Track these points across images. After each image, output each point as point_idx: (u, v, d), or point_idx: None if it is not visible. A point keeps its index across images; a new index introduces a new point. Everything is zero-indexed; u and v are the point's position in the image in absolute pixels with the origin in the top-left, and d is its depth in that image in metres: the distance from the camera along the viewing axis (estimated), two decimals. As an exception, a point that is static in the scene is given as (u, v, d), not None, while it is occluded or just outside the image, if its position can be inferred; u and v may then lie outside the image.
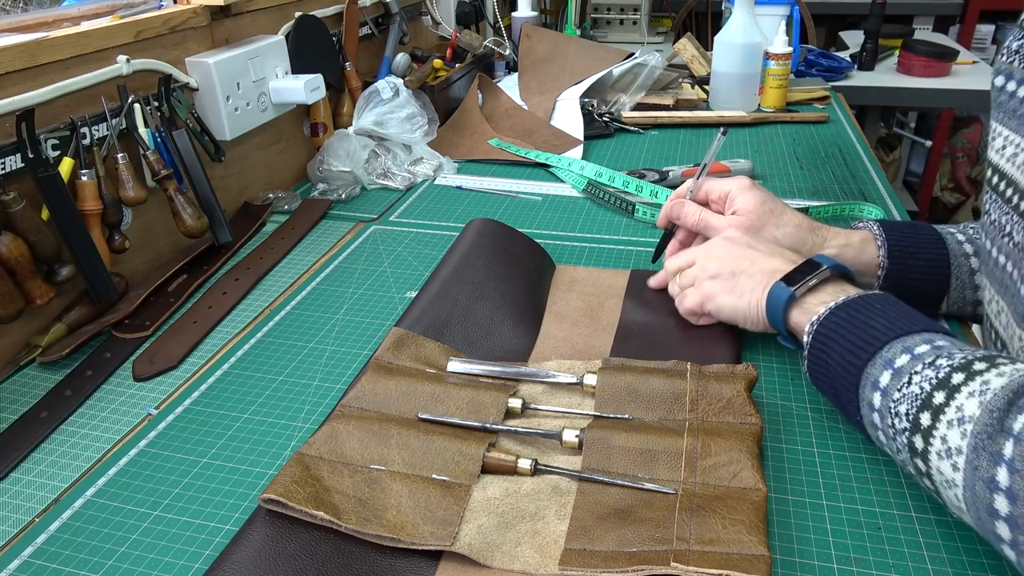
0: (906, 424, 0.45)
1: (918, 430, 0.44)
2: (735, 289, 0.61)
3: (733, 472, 0.49)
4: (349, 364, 0.66)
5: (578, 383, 0.59)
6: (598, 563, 0.44)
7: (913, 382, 0.45)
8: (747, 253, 0.62)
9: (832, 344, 0.52)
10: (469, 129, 1.24)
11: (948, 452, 0.42)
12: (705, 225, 0.71)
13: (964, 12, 2.57)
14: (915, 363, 0.46)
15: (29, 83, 0.68)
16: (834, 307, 0.54)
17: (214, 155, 0.89)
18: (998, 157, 0.55)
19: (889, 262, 0.66)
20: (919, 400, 0.44)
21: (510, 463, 0.51)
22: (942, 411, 0.43)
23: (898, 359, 0.47)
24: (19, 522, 0.51)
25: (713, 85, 1.35)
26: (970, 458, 0.40)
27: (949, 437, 0.42)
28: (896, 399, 0.46)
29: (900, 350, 0.48)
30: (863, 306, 0.52)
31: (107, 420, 0.61)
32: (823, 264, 0.58)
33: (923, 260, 0.66)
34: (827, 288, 0.57)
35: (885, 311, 0.51)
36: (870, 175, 1.05)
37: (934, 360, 0.45)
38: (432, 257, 0.85)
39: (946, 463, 0.42)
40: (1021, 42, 0.54)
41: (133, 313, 0.74)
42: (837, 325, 0.52)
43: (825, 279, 0.57)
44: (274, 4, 1.02)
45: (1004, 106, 0.55)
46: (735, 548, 0.43)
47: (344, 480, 0.50)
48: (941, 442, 0.42)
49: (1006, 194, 0.54)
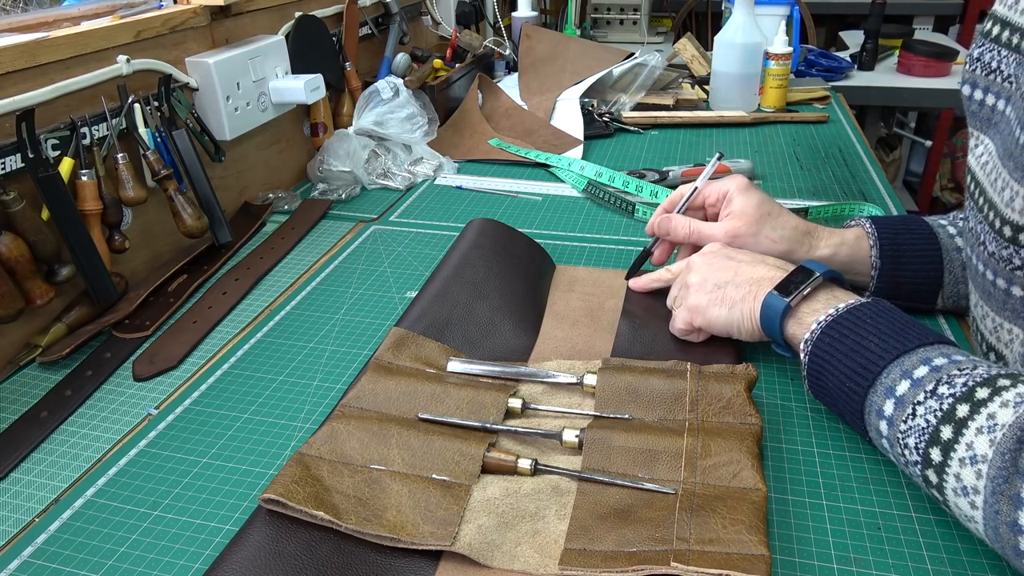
0: (917, 458, 0.45)
1: (930, 465, 0.44)
2: (724, 300, 0.60)
3: (733, 472, 0.49)
4: (349, 364, 0.66)
5: (578, 383, 0.59)
6: (598, 563, 0.44)
7: (918, 414, 0.45)
8: (728, 264, 0.62)
9: (829, 368, 0.52)
10: (469, 129, 1.24)
11: (964, 491, 0.42)
12: (699, 236, 0.69)
13: (964, 12, 2.57)
14: (916, 391, 0.46)
15: (29, 83, 0.68)
16: (825, 325, 0.53)
17: (214, 155, 0.89)
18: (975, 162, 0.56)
19: (882, 262, 0.66)
20: (927, 435, 0.44)
21: (510, 463, 0.51)
22: (952, 448, 0.43)
23: (899, 386, 0.47)
24: (19, 522, 0.51)
25: (713, 85, 1.35)
26: (989, 501, 0.40)
27: (963, 476, 0.42)
28: (903, 431, 0.46)
29: (899, 375, 0.47)
30: (853, 323, 0.51)
31: (107, 420, 0.61)
32: (815, 271, 0.56)
33: (916, 258, 0.66)
34: (819, 296, 0.56)
35: (877, 327, 0.50)
36: (870, 175, 1.05)
37: (935, 388, 0.45)
38: (432, 257, 0.85)
39: (963, 500, 0.42)
40: (981, 50, 0.54)
41: (133, 313, 0.74)
42: (831, 347, 0.52)
43: (818, 286, 0.56)
44: (274, 4, 1.02)
45: (975, 114, 0.56)
46: (735, 548, 0.43)
47: (344, 480, 0.50)
48: (955, 480, 0.42)
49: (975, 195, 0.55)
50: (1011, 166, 0.49)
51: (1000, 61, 0.52)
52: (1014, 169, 0.48)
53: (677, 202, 0.73)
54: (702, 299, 0.61)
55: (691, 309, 0.62)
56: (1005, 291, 0.52)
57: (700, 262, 0.64)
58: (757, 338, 0.60)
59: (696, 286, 0.62)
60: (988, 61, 0.53)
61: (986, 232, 0.53)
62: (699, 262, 0.64)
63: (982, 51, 0.54)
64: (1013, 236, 0.49)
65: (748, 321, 0.59)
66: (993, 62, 0.52)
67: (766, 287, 0.57)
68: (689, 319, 0.62)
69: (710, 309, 0.61)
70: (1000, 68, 0.52)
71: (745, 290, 0.59)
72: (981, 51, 0.54)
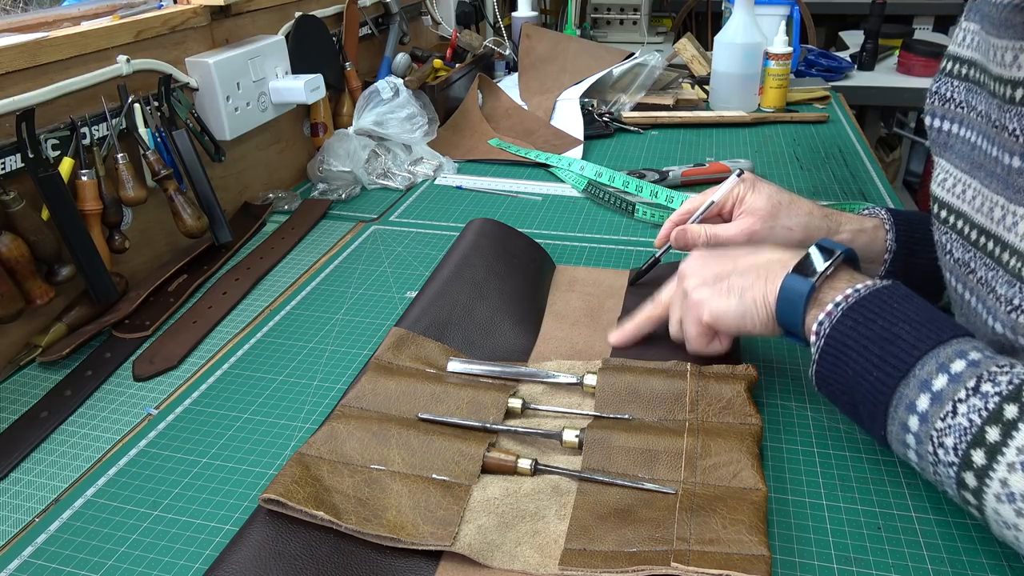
0: (954, 458, 0.43)
1: (970, 467, 0.42)
2: (730, 290, 0.55)
3: (733, 472, 0.49)
4: (349, 364, 0.66)
5: (578, 383, 0.59)
6: (598, 563, 0.44)
7: (959, 412, 0.43)
8: (723, 258, 0.58)
9: (851, 354, 0.48)
10: (469, 129, 1.24)
11: (1011, 497, 0.40)
12: (716, 239, 0.68)
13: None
14: (956, 387, 0.43)
15: (29, 83, 0.68)
16: (847, 308, 0.49)
17: (214, 155, 0.89)
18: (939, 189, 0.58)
19: (897, 246, 0.66)
20: (969, 435, 0.42)
21: (510, 463, 0.51)
22: (999, 451, 0.40)
23: (935, 380, 0.44)
24: (19, 522, 0.51)
25: (713, 85, 1.35)
26: None
27: (1012, 482, 0.40)
28: (940, 428, 0.43)
29: (935, 368, 0.44)
30: (879, 307, 0.48)
31: (107, 420, 0.61)
32: (835, 249, 0.52)
33: (929, 248, 0.66)
34: (840, 275, 0.52)
35: (906, 313, 0.47)
36: (870, 175, 1.05)
37: (977, 385, 0.43)
38: (432, 257, 0.85)
39: (1007, 507, 0.40)
40: (939, 84, 0.59)
41: (133, 313, 0.74)
42: (855, 331, 0.48)
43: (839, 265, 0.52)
44: (274, 4, 1.02)
45: (936, 141, 0.59)
46: (735, 548, 0.43)
47: (344, 480, 0.50)
48: (1001, 485, 0.40)
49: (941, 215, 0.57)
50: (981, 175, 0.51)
51: (952, 91, 0.57)
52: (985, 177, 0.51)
53: (689, 212, 0.71)
54: (704, 293, 0.56)
55: (693, 304, 0.57)
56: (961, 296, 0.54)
57: (691, 265, 0.59)
58: (770, 330, 0.54)
59: (695, 286, 0.57)
60: (944, 92, 0.58)
61: (953, 240, 0.55)
62: (690, 265, 0.59)
63: (939, 85, 0.59)
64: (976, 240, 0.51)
65: (762, 308, 0.54)
66: (948, 92, 0.57)
67: (777, 270, 0.53)
68: (696, 317, 0.57)
69: (715, 301, 0.56)
70: (953, 96, 0.57)
71: (752, 276, 0.55)
72: (938, 85, 0.59)
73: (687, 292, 0.58)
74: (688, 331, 0.58)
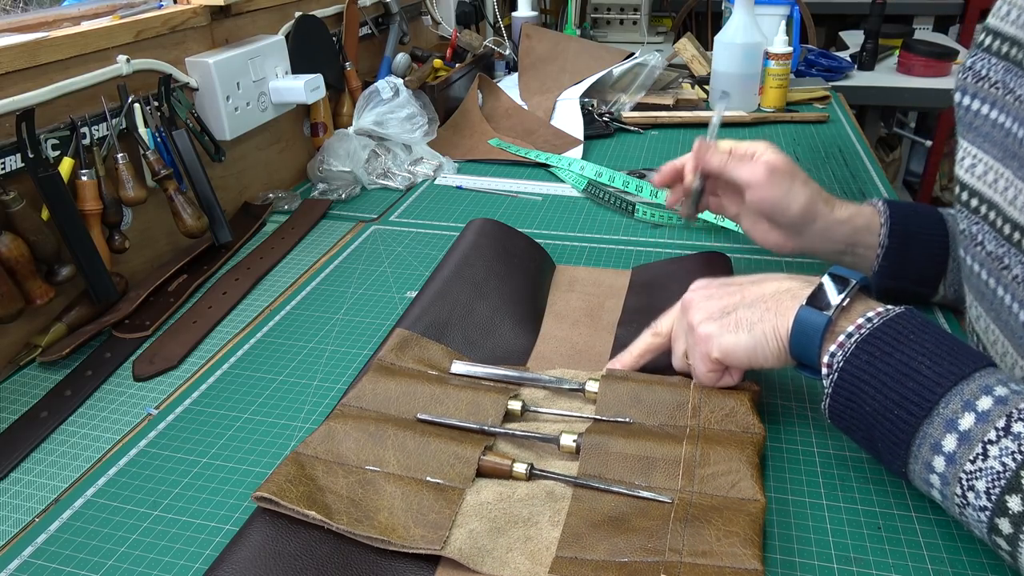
0: (986, 503, 0.41)
1: (1005, 514, 0.40)
2: (739, 324, 0.52)
3: (732, 482, 0.48)
4: (349, 364, 0.66)
5: (580, 389, 0.58)
6: (588, 572, 0.43)
7: (990, 455, 0.40)
8: (728, 289, 0.55)
9: (868, 390, 0.46)
10: (469, 129, 1.24)
11: None
12: (731, 171, 0.66)
13: (964, 12, 2.57)
14: (984, 427, 0.41)
15: (29, 83, 0.68)
16: (860, 340, 0.47)
17: (214, 155, 0.89)
18: (967, 175, 0.55)
19: (890, 240, 0.65)
20: (1003, 479, 0.40)
21: (505, 467, 0.50)
22: None
23: (961, 420, 0.42)
24: (19, 522, 0.51)
25: (713, 85, 1.35)
26: None
27: None
28: (969, 472, 0.41)
29: (960, 406, 0.42)
30: (895, 338, 0.46)
31: (107, 420, 0.61)
32: (851, 278, 0.49)
33: (924, 240, 0.65)
34: (855, 305, 0.49)
35: (924, 345, 0.45)
36: (870, 175, 1.05)
37: (1007, 425, 0.40)
38: (432, 257, 0.85)
39: None
40: (974, 59, 0.55)
41: (133, 313, 0.74)
42: (871, 366, 0.46)
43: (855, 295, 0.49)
44: (274, 4, 1.02)
45: (963, 120, 0.56)
46: (728, 561, 0.43)
47: (338, 480, 0.49)
48: None
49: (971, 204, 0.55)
50: (1015, 165, 0.49)
51: (989, 69, 0.53)
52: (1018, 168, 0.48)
53: None
54: (711, 328, 0.53)
55: (703, 341, 0.53)
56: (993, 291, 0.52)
57: (695, 298, 0.56)
58: (783, 363, 0.52)
59: (701, 320, 0.54)
60: (979, 69, 0.55)
61: (985, 232, 0.52)
62: (693, 298, 0.56)
63: (974, 60, 0.55)
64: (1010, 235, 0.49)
65: (773, 341, 0.51)
66: (983, 70, 0.54)
67: (787, 301, 0.51)
68: (705, 353, 0.54)
69: (724, 337, 0.52)
70: (988, 75, 0.53)
71: (762, 309, 0.52)
72: (973, 60, 0.55)
73: (693, 326, 0.55)
74: (697, 368, 0.55)
